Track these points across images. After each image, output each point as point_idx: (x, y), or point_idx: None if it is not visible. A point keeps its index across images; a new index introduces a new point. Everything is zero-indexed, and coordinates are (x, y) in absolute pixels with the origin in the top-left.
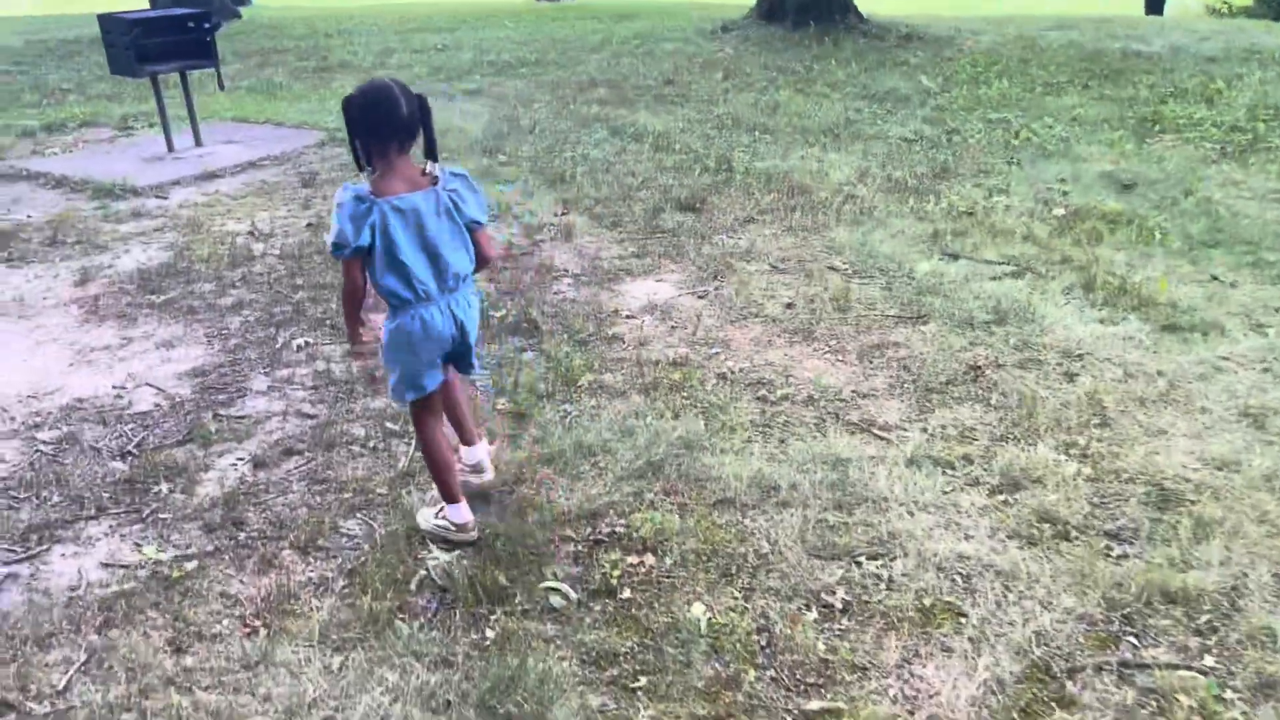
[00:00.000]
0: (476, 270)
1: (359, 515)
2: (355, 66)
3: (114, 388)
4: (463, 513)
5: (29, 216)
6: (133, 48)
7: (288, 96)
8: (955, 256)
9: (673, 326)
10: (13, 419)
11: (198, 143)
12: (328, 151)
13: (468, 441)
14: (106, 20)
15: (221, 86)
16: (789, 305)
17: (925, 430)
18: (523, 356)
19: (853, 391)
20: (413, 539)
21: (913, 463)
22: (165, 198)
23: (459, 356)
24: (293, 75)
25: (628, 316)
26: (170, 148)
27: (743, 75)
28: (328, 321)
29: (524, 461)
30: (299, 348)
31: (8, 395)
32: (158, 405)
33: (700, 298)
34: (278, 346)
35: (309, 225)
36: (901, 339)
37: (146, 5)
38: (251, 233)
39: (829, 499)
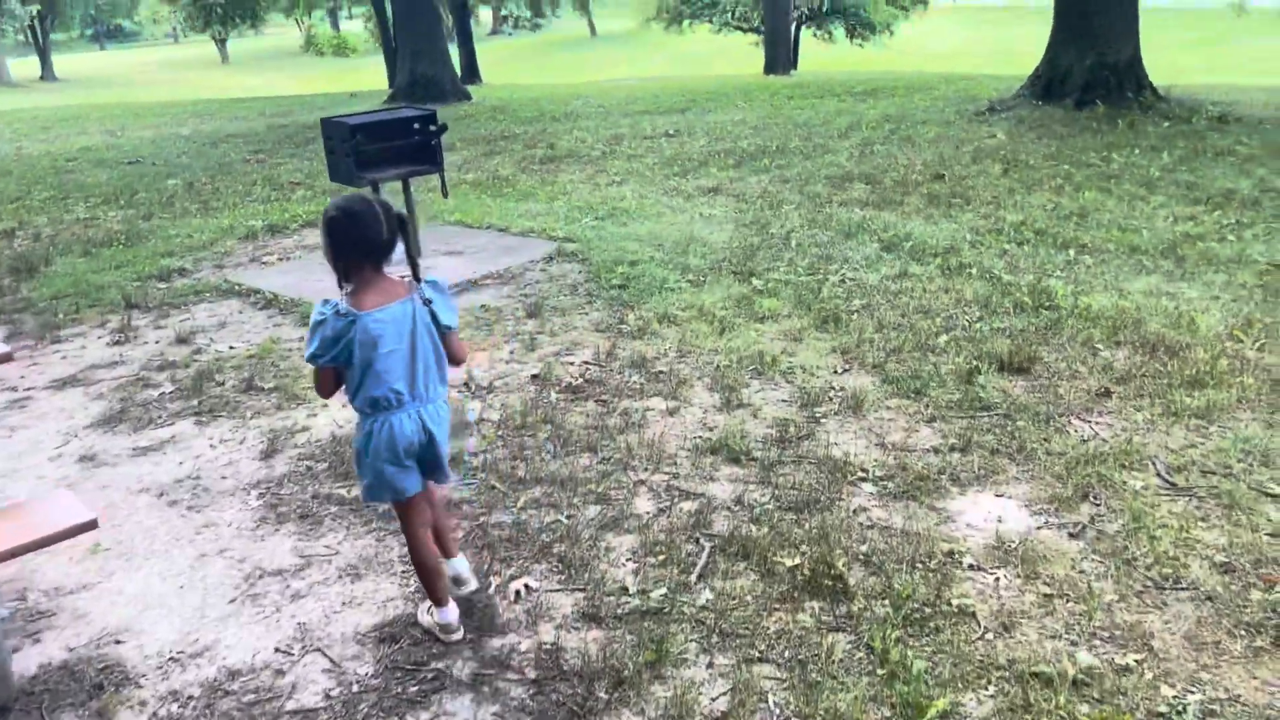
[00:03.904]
0: (452, 364)
1: None
2: (584, 156)
3: (276, 650)
4: (448, 614)
5: (231, 349)
6: (353, 154)
7: (514, 194)
8: None
9: (1046, 595)
10: (143, 702)
11: (417, 254)
12: (555, 269)
13: (448, 554)
14: (329, 125)
15: (445, 194)
16: (1226, 569)
17: None
18: (830, 644)
19: None
20: None
21: None
22: None
23: (428, 464)
24: (519, 166)
25: (971, 566)
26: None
27: (1026, 168)
28: (557, 549)
29: None
30: (518, 595)
31: (148, 650)
32: (326, 694)
33: (1073, 536)
34: (491, 590)
35: (535, 377)
36: None
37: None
38: (467, 384)
39: None
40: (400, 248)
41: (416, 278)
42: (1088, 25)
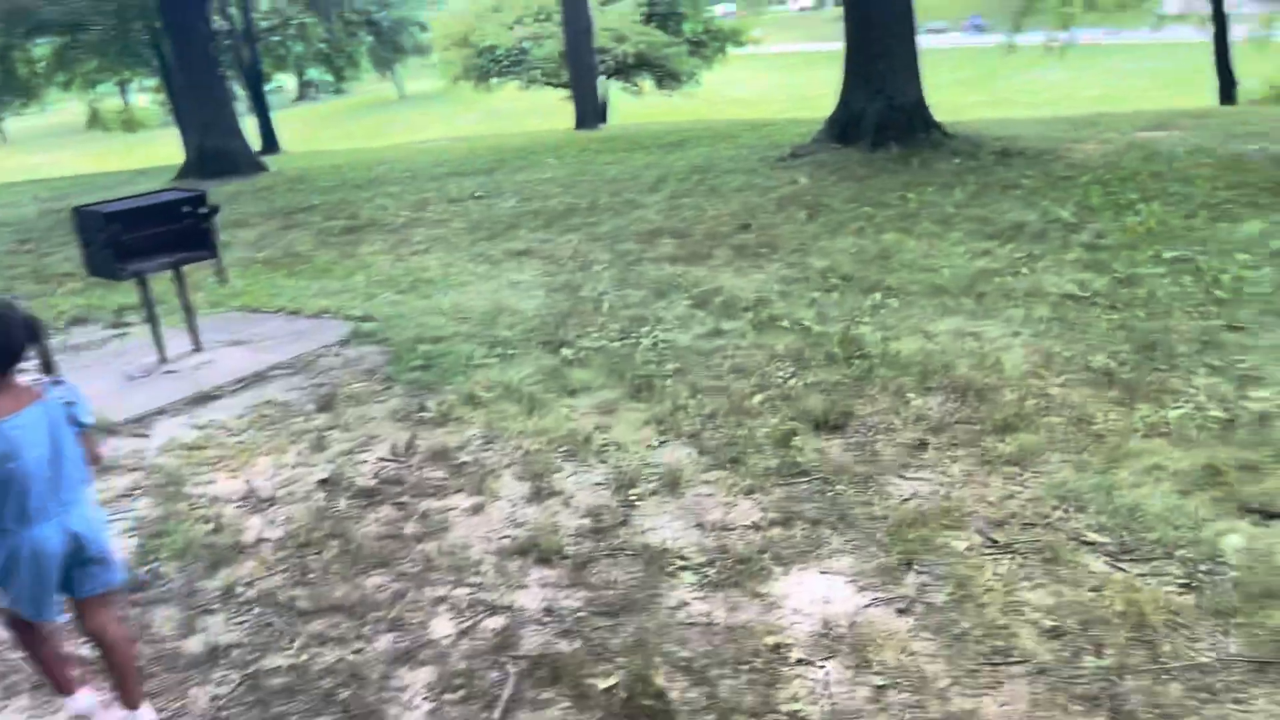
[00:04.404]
0: (93, 464)
1: None
2: (387, 225)
3: None
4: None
5: None
6: (111, 246)
7: (310, 271)
8: (1270, 515)
9: (878, 687)
10: None
11: (196, 348)
12: (351, 353)
13: (130, 704)
14: (82, 215)
15: (224, 281)
16: (1055, 633)
17: None
18: None
19: None
20: None
21: None
22: (145, 435)
23: (83, 569)
24: (318, 240)
25: (799, 661)
26: (162, 358)
27: (830, 212)
28: (341, 696)
29: None
30: None
31: None
32: None
33: (901, 612)
34: None
35: (323, 482)
36: None
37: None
38: (246, 497)
39: None
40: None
41: (49, 372)
42: (874, 70)
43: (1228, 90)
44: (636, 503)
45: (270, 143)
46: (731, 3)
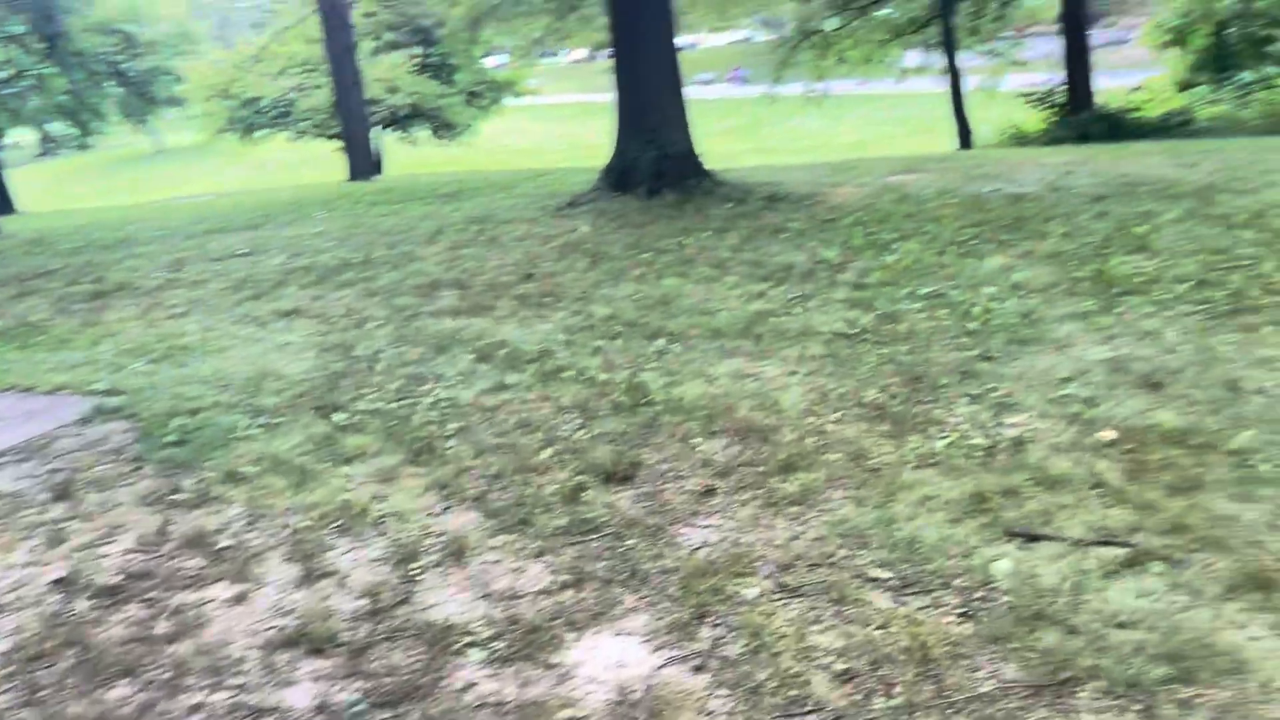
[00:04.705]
0: None
1: None
2: (139, 288)
3: None
4: None
5: None
6: None
7: (48, 342)
8: (1032, 537)
9: None
10: None
11: None
12: (94, 432)
13: None
14: None
15: None
16: (847, 676)
17: None
18: None
19: None
20: None
21: None
22: None
23: None
24: (58, 307)
25: None
26: None
27: (611, 260)
28: None
29: None
30: None
31: None
32: None
33: (697, 670)
34: None
35: (58, 582)
36: None
37: None
38: None
39: None
40: None
41: None
42: (646, 120)
43: (965, 136)
44: (418, 577)
45: (2, 202)
46: (503, 54)
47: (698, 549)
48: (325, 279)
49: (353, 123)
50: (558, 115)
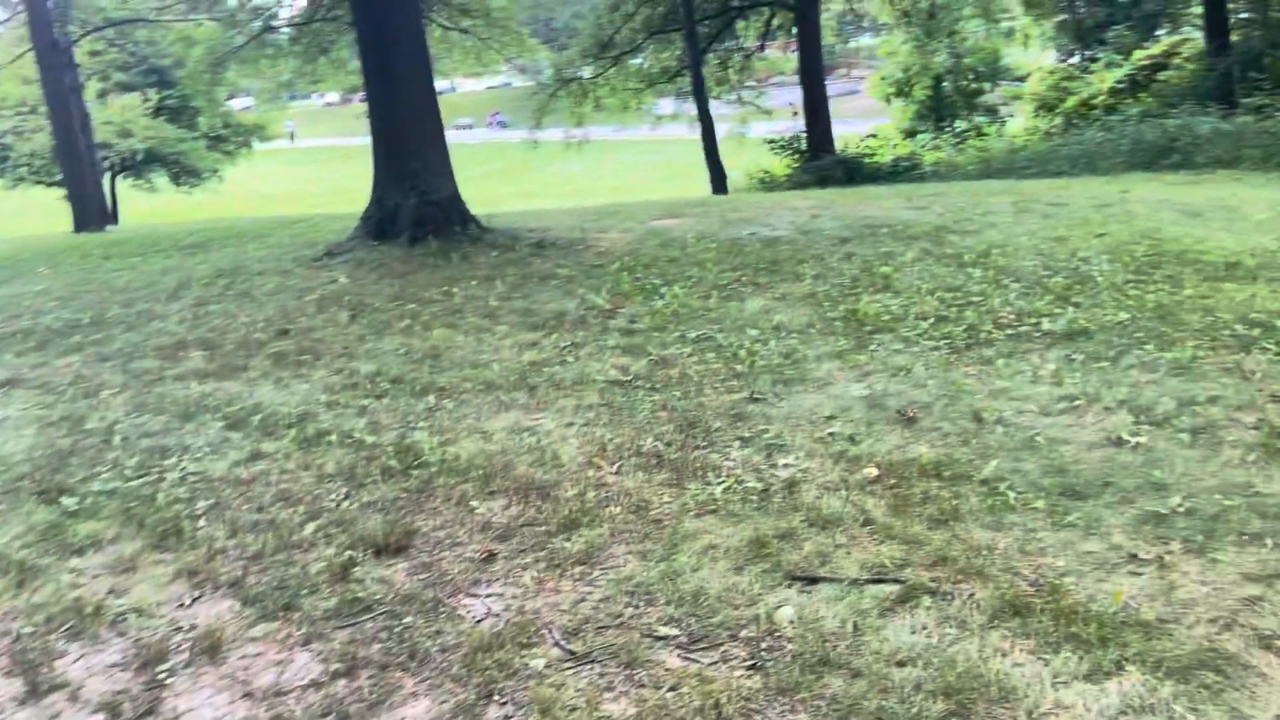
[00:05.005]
0: None
1: None
2: None
3: None
4: None
5: None
6: None
7: None
8: (811, 580)
9: None
10: None
11: None
12: None
13: None
14: None
15: None
16: None
17: None
18: None
19: None
20: None
21: None
22: None
23: None
24: None
25: None
26: None
27: (374, 312)
28: None
29: None
30: None
31: None
32: None
33: None
34: None
35: None
36: None
37: None
38: None
39: None
40: None
41: None
42: (406, 165)
43: (720, 181)
44: (167, 680)
45: None
46: (249, 97)
47: (480, 621)
48: (48, 343)
49: (78, 168)
50: (313, 159)
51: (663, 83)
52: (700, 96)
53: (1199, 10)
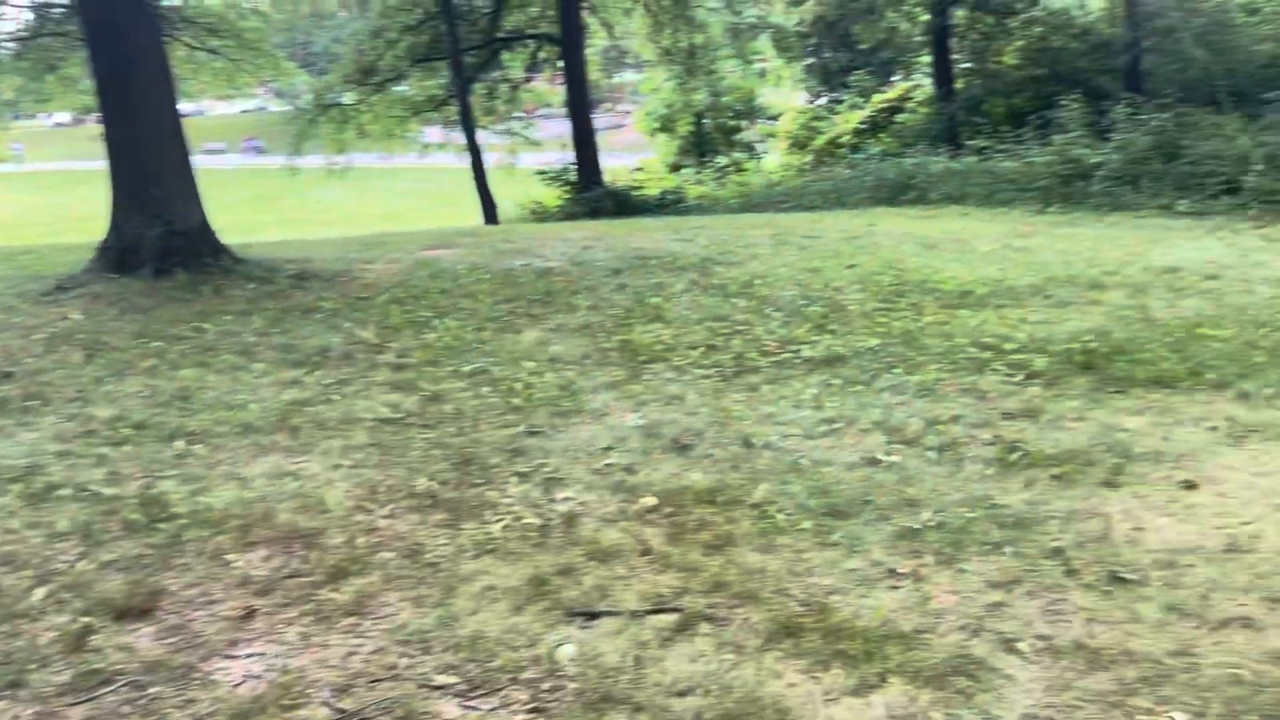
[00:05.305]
0: None
1: None
2: None
3: None
4: None
5: None
6: None
7: None
8: (591, 615)
9: None
10: None
11: None
12: None
13: None
14: None
15: None
16: None
17: None
18: None
19: None
20: None
21: None
22: None
23: None
24: None
25: None
26: None
27: (113, 352)
28: None
29: None
30: None
31: None
32: None
33: None
34: None
35: None
36: None
37: None
38: None
39: None
40: None
41: None
42: (148, 193)
43: (491, 211)
44: None
45: None
46: None
47: (239, 685)
48: None
49: None
50: (42, 184)
51: (429, 111)
52: (468, 126)
53: (928, 59)
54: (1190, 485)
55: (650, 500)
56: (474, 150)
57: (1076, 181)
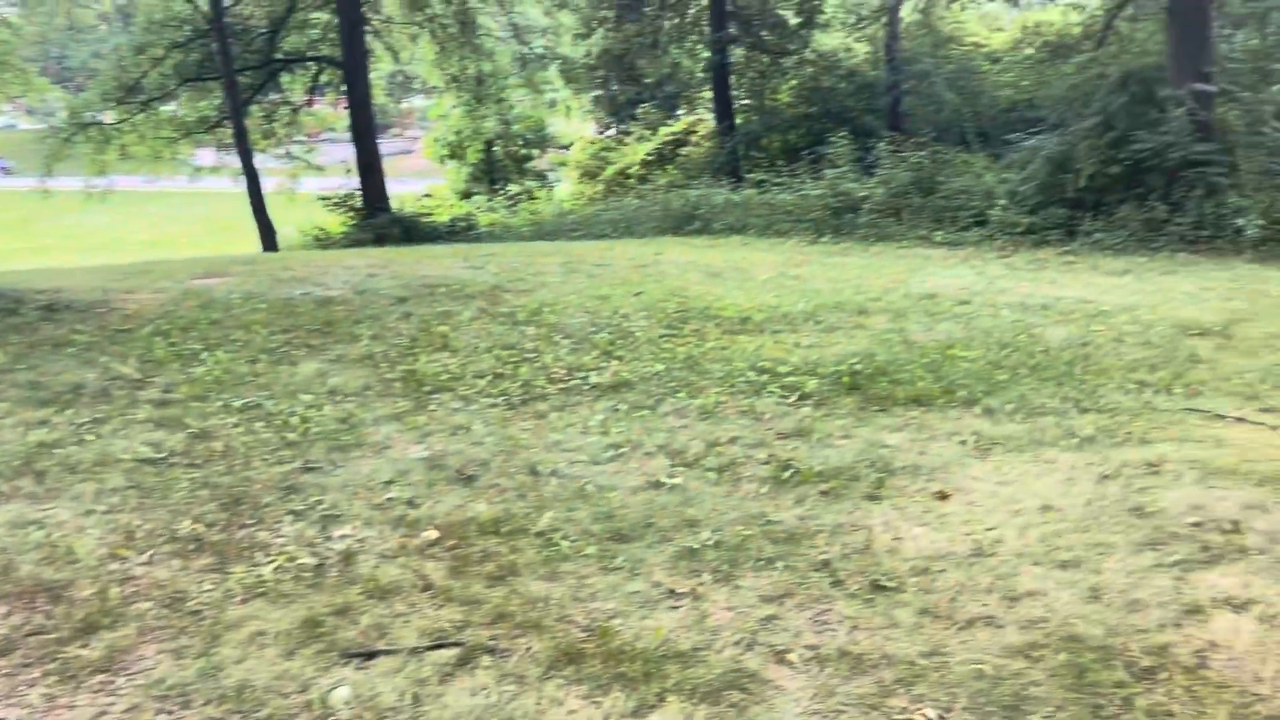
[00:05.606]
0: None
1: None
2: None
3: None
4: None
5: None
6: None
7: None
8: (368, 655)
9: None
10: None
11: None
12: None
13: None
14: None
15: None
16: None
17: None
18: None
19: None
20: None
21: None
22: None
23: None
24: None
25: None
26: None
27: None
28: None
29: None
30: None
31: None
32: None
33: None
34: None
35: None
36: None
37: None
38: None
39: None
40: None
41: None
42: None
43: (269, 237)
44: None
45: None
46: None
47: None
48: None
49: None
50: None
51: (200, 133)
52: (243, 149)
53: (710, 94)
54: (943, 496)
55: (432, 534)
56: (250, 174)
57: (846, 214)
